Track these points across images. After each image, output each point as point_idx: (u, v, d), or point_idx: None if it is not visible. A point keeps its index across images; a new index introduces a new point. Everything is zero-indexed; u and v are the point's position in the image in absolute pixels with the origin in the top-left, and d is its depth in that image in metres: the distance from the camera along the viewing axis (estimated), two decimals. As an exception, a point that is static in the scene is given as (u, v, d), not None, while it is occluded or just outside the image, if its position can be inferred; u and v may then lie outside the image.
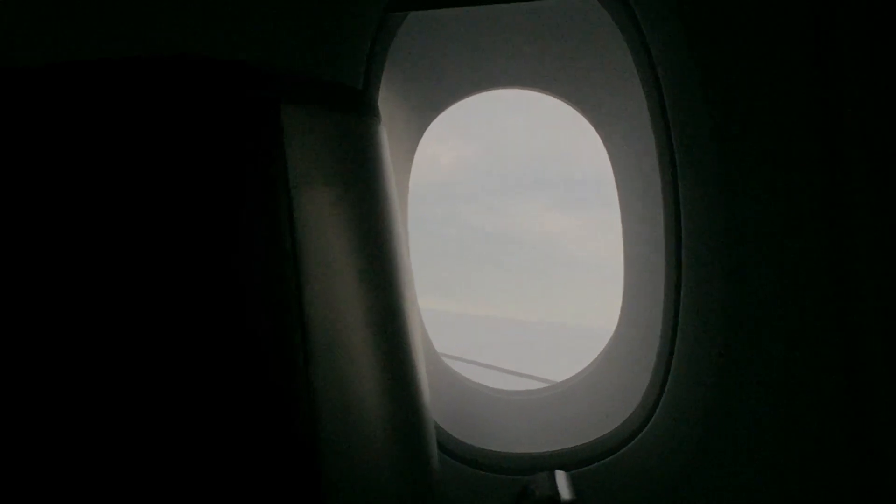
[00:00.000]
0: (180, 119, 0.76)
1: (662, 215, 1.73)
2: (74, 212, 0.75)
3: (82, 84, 0.75)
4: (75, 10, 1.29)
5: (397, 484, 0.94)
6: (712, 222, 1.65)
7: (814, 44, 1.60)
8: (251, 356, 0.78)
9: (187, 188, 0.76)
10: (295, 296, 0.79)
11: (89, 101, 0.75)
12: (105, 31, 0.91)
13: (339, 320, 0.85)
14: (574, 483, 1.57)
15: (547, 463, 1.77)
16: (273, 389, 0.78)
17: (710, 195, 1.65)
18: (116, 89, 0.75)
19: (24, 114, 0.75)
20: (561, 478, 1.02)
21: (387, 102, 1.81)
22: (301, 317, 0.79)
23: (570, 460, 1.77)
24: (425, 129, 2.15)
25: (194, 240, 0.76)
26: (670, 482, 1.72)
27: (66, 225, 0.74)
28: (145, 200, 0.75)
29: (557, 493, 1.00)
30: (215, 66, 0.78)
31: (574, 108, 2.15)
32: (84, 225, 0.75)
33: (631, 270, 2.11)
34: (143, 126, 0.76)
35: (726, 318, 1.66)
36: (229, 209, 0.77)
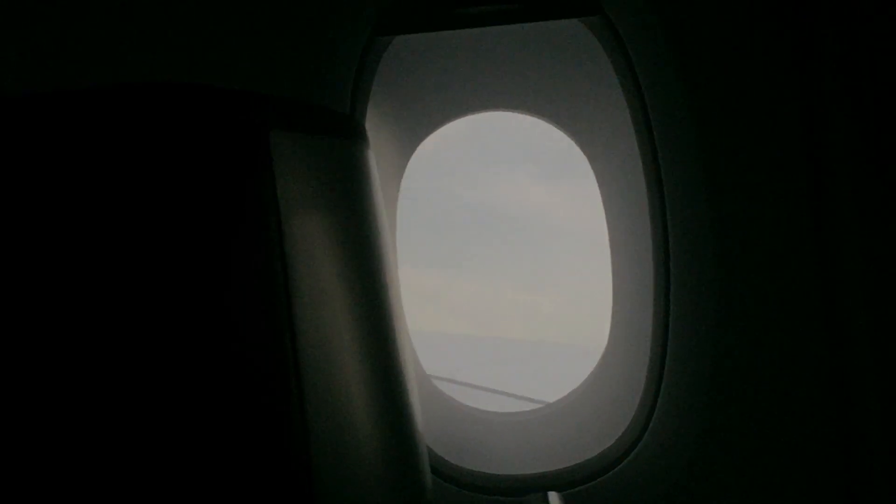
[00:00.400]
0: (167, 146, 0.76)
1: (650, 234, 1.74)
2: (59, 239, 0.74)
3: (67, 112, 0.75)
4: (61, 40, 1.29)
5: None
6: (700, 238, 1.66)
7: (798, 57, 1.62)
8: (241, 382, 0.77)
9: (175, 214, 0.76)
10: (286, 321, 0.78)
11: (74, 129, 0.75)
12: (92, 60, 0.92)
13: (331, 345, 0.84)
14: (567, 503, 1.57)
15: (539, 484, 1.76)
16: (265, 416, 0.78)
17: (698, 212, 1.66)
18: (102, 116, 0.75)
19: (9, 143, 0.75)
20: (554, 498, 1.02)
21: (374, 126, 1.82)
22: (293, 342, 0.78)
23: (562, 481, 1.77)
24: (413, 152, 2.16)
25: (183, 266, 0.76)
26: (663, 500, 1.71)
27: (52, 253, 0.74)
28: (132, 228, 0.75)
29: None
30: (202, 92, 0.78)
31: (563, 132, 2.17)
32: (70, 252, 0.74)
33: (620, 289, 2.12)
34: (129, 153, 0.75)
35: (716, 335, 1.66)
36: (218, 235, 0.77)
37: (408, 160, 2.14)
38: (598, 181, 2.14)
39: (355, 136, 0.97)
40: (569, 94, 2.02)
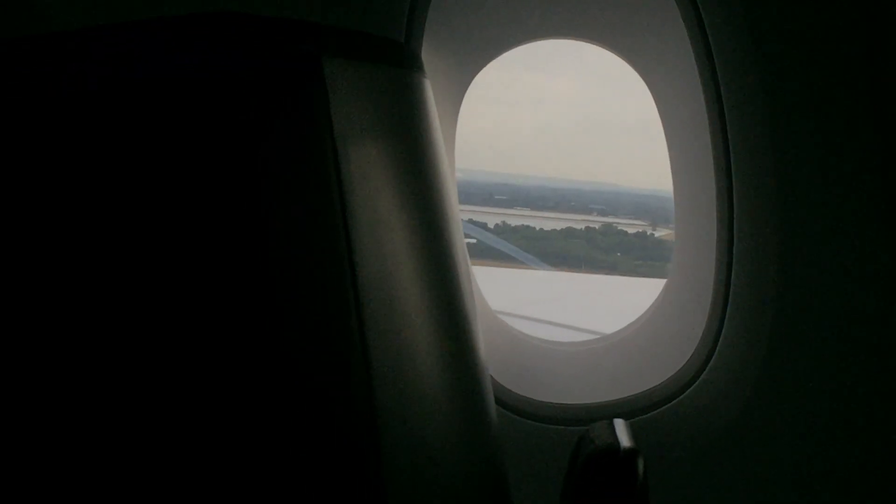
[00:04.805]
0: (221, 76, 0.76)
1: (713, 163, 1.71)
2: (108, 167, 0.75)
3: (115, 46, 0.75)
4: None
5: (456, 438, 0.94)
6: (764, 169, 1.63)
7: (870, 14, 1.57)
8: (301, 317, 0.78)
9: (231, 145, 0.76)
10: (345, 250, 0.78)
11: (122, 63, 0.75)
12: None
13: (391, 274, 0.84)
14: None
15: (604, 413, 1.77)
16: (326, 349, 0.78)
17: (760, 141, 1.63)
18: (153, 49, 0.75)
19: (57, 79, 0.75)
20: (620, 426, 1.01)
21: (429, 56, 1.80)
22: (352, 272, 0.78)
23: (626, 410, 1.77)
24: (469, 83, 2.13)
25: (239, 197, 0.76)
26: (727, 428, 1.71)
27: (101, 180, 0.75)
28: (183, 160, 0.75)
29: (617, 442, 0.99)
30: (255, 21, 0.77)
31: (622, 58, 2.12)
32: (122, 182, 0.75)
33: (683, 221, 2.09)
34: (181, 85, 0.75)
35: (780, 265, 1.64)
36: (274, 164, 0.77)
37: (465, 89, 2.12)
38: (659, 112, 2.10)
39: (410, 65, 0.95)
40: (629, 20, 1.98)
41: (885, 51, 1.55)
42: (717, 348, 1.73)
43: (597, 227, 8.93)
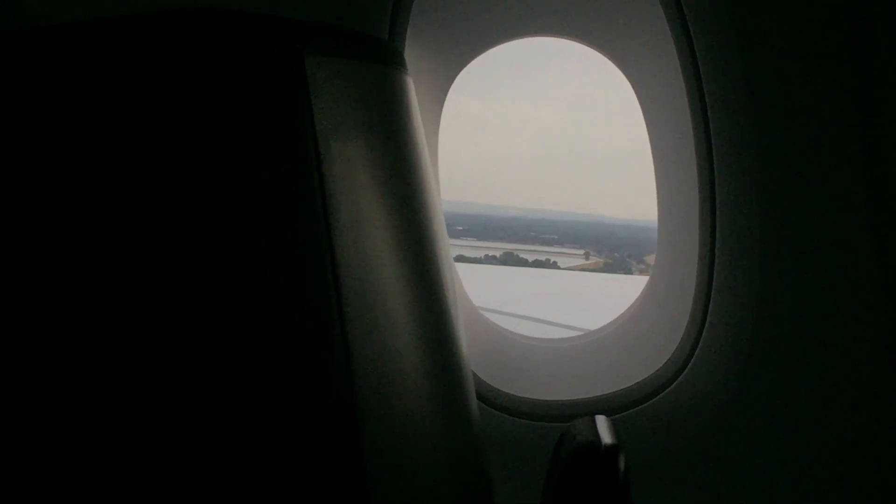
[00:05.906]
0: (203, 73, 0.75)
1: (696, 160, 1.71)
2: (91, 166, 0.74)
3: (102, 42, 0.75)
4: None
5: (438, 434, 0.94)
6: (747, 167, 1.64)
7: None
8: (283, 315, 0.78)
9: (212, 144, 0.75)
10: (326, 250, 0.78)
11: (102, 61, 0.74)
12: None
13: (373, 272, 0.84)
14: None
15: (586, 409, 1.77)
16: (307, 346, 0.78)
17: (743, 139, 1.63)
18: (134, 45, 0.75)
19: (36, 77, 0.75)
20: (602, 422, 1.02)
21: (412, 53, 1.80)
22: (333, 270, 0.78)
23: (608, 406, 1.77)
24: (452, 80, 2.13)
25: (220, 196, 0.75)
26: (709, 425, 1.72)
27: (82, 179, 0.74)
28: (164, 159, 0.75)
29: (599, 438, 1.00)
30: (234, 18, 0.77)
31: (606, 56, 2.13)
32: (108, 183, 0.74)
33: (666, 218, 2.10)
34: (163, 82, 0.75)
35: (762, 264, 1.65)
36: (255, 163, 0.77)
37: (448, 87, 2.12)
38: (642, 109, 2.10)
39: (393, 62, 0.95)
40: (614, 19, 1.98)
41: (873, 57, 1.56)
42: (699, 346, 1.74)
43: (497, 255, 9.09)
